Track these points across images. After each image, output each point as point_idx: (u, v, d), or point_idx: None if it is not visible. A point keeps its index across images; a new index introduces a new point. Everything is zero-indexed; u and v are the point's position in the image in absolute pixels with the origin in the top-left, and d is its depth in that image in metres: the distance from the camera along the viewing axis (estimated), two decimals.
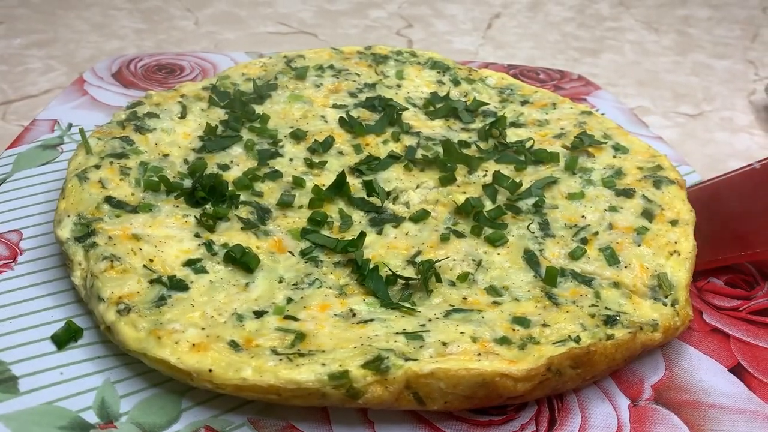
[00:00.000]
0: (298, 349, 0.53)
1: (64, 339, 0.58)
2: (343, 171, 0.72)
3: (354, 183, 0.73)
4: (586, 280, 0.62)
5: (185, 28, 1.35)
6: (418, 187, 0.73)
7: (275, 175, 0.73)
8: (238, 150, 0.77)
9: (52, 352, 0.58)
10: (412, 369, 0.51)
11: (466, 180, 0.75)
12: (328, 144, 0.78)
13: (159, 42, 1.28)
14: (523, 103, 0.90)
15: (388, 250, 0.65)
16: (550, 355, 0.53)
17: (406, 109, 0.86)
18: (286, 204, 0.70)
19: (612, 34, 1.44)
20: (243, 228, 0.66)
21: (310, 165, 0.76)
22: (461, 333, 0.55)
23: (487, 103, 0.89)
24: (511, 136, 0.83)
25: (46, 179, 0.78)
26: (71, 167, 0.70)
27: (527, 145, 0.80)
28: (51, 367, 0.56)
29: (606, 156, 0.78)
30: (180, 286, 0.59)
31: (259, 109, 0.85)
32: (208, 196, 0.68)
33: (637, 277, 0.62)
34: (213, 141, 0.77)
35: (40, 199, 0.75)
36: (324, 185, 0.72)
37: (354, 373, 0.51)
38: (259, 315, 0.57)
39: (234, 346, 0.53)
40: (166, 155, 0.74)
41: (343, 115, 0.84)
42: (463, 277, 0.62)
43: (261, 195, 0.71)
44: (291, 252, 0.65)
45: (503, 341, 0.54)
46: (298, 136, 0.80)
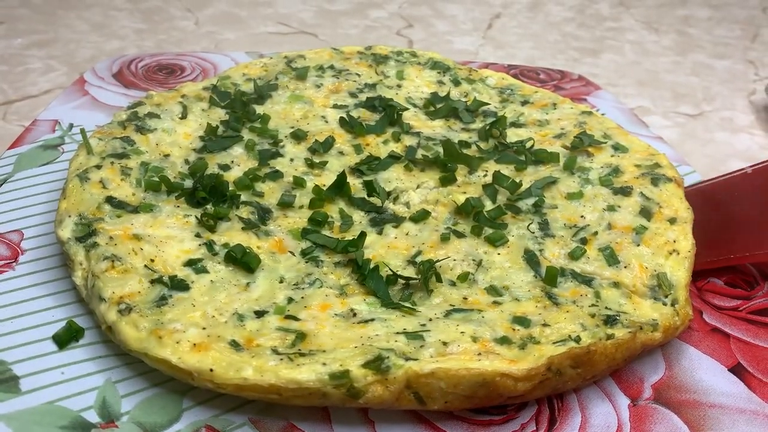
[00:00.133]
0: (299, 349, 0.53)
1: (65, 339, 0.59)
2: (344, 171, 0.72)
3: (354, 183, 0.73)
4: (586, 280, 0.62)
5: (185, 29, 1.35)
6: (418, 187, 0.73)
7: (276, 175, 0.73)
8: (238, 150, 0.77)
9: (54, 352, 0.58)
10: (413, 369, 0.51)
11: (466, 180, 0.75)
12: (328, 144, 0.79)
13: (159, 42, 1.29)
14: (524, 103, 0.90)
15: (389, 250, 0.65)
16: (550, 355, 0.53)
17: (406, 109, 0.86)
18: (286, 204, 0.70)
19: (612, 34, 1.44)
20: (244, 228, 0.66)
21: (311, 165, 0.76)
22: (461, 333, 0.55)
23: (488, 104, 0.89)
24: (512, 136, 0.83)
25: (47, 179, 0.78)
26: (72, 167, 0.70)
27: (527, 145, 0.80)
28: (52, 366, 0.57)
29: (605, 155, 0.78)
30: (181, 286, 0.59)
31: (259, 109, 0.85)
32: (208, 196, 0.68)
33: (636, 277, 0.62)
34: (214, 141, 0.77)
35: (42, 200, 0.75)
36: (324, 185, 0.72)
37: (354, 373, 0.51)
38: (259, 315, 0.57)
39: (235, 345, 0.53)
40: (167, 155, 0.75)
41: (344, 116, 0.84)
42: (464, 277, 0.62)
43: (262, 195, 0.71)
44: (292, 252, 0.65)
45: (503, 341, 0.54)
46: (298, 136, 0.80)
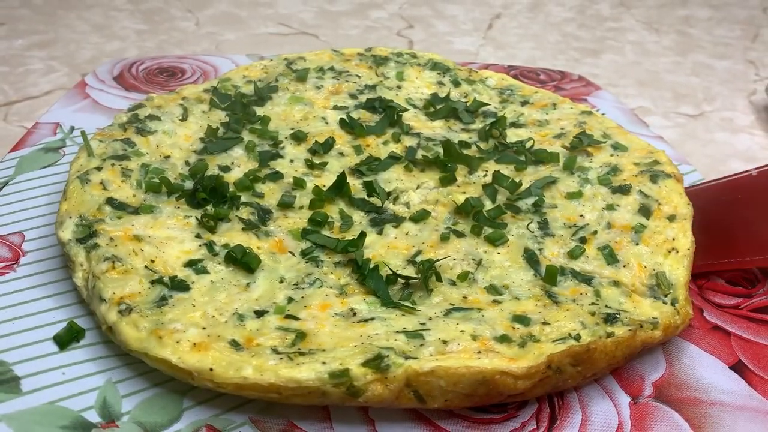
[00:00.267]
0: (299, 348, 0.53)
1: (66, 339, 0.59)
2: (344, 172, 0.72)
3: (354, 183, 0.73)
4: (586, 279, 0.62)
5: (186, 29, 1.35)
6: (418, 187, 0.74)
7: (276, 176, 0.74)
8: (239, 151, 0.77)
9: (54, 353, 0.58)
10: (413, 367, 0.51)
11: (466, 180, 0.75)
12: (328, 145, 0.79)
13: (160, 43, 1.29)
14: (524, 103, 0.91)
15: (389, 249, 0.65)
16: (550, 353, 0.53)
17: (406, 110, 0.87)
18: (286, 205, 0.70)
19: (612, 35, 1.44)
20: (244, 229, 0.66)
21: (311, 166, 0.76)
22: (461, 331, 0.55)
23: (488, 104, 0.89)
24: (512, 136, 0.83)
25: (48, 182, 0.78)
26: (73, 169, 0.70)
27: (527, 145, 0.80)
28: (53, 367, 0.57)
29: (604, 155, 0.78)
30: (181, 286, 0.59)
31: (259, 110, 0.85)
32: (209, 197, 0.68)
33: (635, 277, 0.62)
34: (214, 143, 0.77)
35: (42, 202, 0.75)
36: (324, 186, 0.72)
37: (354, 372, 0.51)
38: (259, 314, 0.57)
39: (235, 345, 0.53)
40: (168, 157, 0.75)
41: (344, 117, 0.84)
42: (464, 276, 0.62)
43: (262, 196, 0.71)
44: (292, 252, 0.65)
45: (503, 339, 0.54)
46: (298, 137, 0.80)
